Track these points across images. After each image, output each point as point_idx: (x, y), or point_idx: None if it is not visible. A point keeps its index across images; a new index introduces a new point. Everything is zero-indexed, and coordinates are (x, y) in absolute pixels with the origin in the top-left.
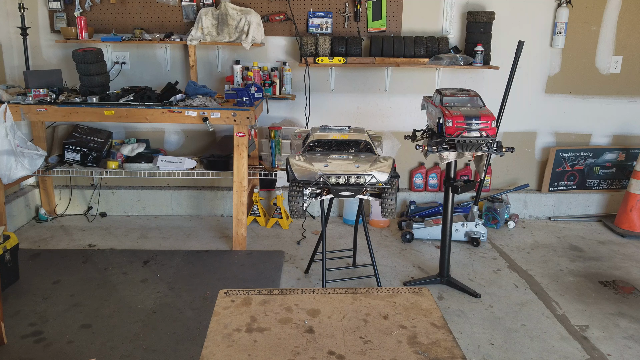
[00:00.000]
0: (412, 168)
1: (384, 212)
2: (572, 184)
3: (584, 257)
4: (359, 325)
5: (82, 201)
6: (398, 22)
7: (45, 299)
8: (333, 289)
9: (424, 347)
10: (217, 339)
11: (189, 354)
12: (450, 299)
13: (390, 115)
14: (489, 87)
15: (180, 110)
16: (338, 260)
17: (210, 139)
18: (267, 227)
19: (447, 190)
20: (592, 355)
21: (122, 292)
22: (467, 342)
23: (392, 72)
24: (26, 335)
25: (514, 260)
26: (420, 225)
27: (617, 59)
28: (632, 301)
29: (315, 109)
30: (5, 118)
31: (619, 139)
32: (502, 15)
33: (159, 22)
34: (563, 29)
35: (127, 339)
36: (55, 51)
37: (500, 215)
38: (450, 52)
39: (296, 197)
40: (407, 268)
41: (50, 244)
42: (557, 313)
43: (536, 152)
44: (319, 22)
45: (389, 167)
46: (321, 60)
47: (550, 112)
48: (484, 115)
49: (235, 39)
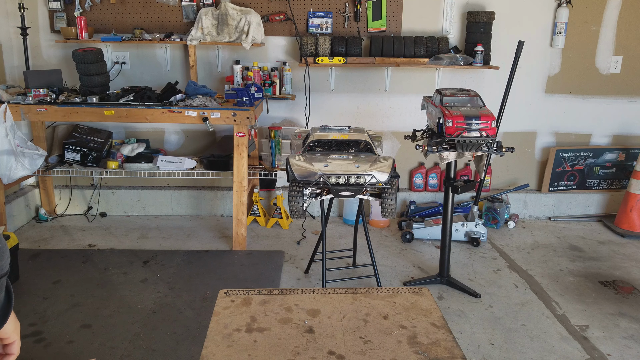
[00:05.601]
0: (412, 168)
1: (384, 212)
2: (572, 184)
3: (584, 257)
4: (359, 325)
5: (82, 201)
6: (398, 22)
7: (45, 299)
8: (333, 289)
9: (424, 347)
10: (217, 339)
11: (189, 354)
12: (450, 299)
13: (390, 115)
14: (489, 87)
15: (180, 110)
16: (338, 260)
17: (210, 139)
18: (267, 227)
19: (447, 190)
20: (592, 355)
21: (122, 292)
22: (467, 342)
23: (392, 72)
24: (26, 335)
25: (514, 260)
26: (420, 225)
27: (617, 59)
28: (632, 301)
29: (315, 109)
30: (5, 118)
31: (619, 139)
32: (502, 15)
33: (159, 22)
34: (563, 29)
35: (127, 339)
36: (55, 51)
37: (500, 215)
38: (450, 52)
39: (296, 197)
40: (407, 268)
41: (50, 244)
42: (557, 313)
43: (536, 152)
44: (319, 22)
45: (389, 167)
46: (321, 60)
47: (550, 112)
48: (484, 115)
49: (235, 39)
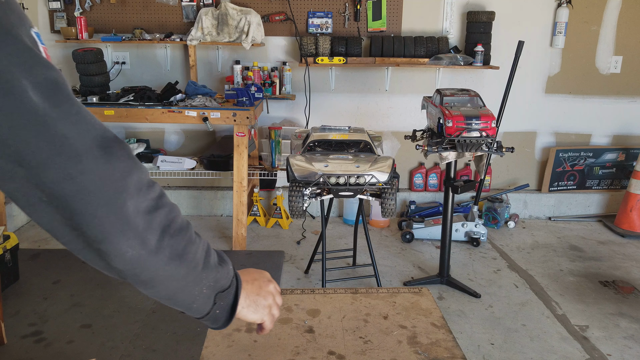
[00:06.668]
0: (412, 168)
1: (384, 212)
2: (572, 184)
3: (584, 257)
4: (359, 325)
5: None
6: (398, 22)
7: (45, 299)
8: (333, 289)
9: (424, 347)
10: (217, 339)
11: (189, 354)
12: (450, 299)
13: (390, 115)
14: (489, 87)
15: (180, 110)
16: (338, 260)
17: (210, 139)
18: (267, 227)
19: (447, 190)
20: (592, 355)
21: (122, 292)
22: (467, 342)
23: (392, 72)
24: (26, 335)
25: (514, 260)
26: (420, 225)
27: (617, 59)
28: (632, 301)
29: (315, 109)
30: None
31: (619, 139)
32: (502, 15)
33: (159, 22)
34: (563, 29)
35: (127, 339)
36: (55, 51)
37: (500, 215)
38: (450, 52)
39: (296, 197)
40: (407, 268)
41: (50, 244)
42: (557, 313)
43: (536, 152)
44: (319, 22)
45: (389, 167)
46: (321, 60)
47: (550, 112)
48: (484, 115)
49: (235, 39)
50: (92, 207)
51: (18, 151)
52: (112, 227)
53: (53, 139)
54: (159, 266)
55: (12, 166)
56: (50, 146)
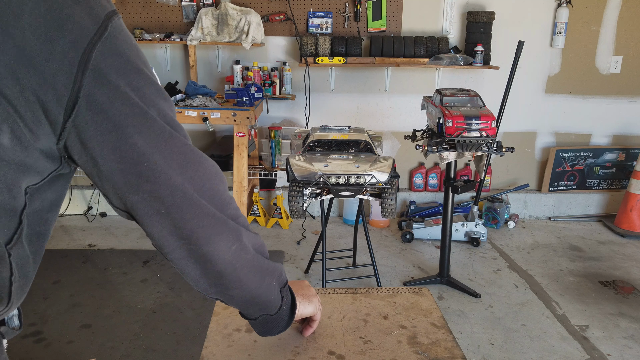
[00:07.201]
0: (412, 168)
1: (384, 212)
2: (572, 184)
3: (584, 257)
4: (359, 325)
5: (82, 201)
6: (398, 22)
7: (45, 299)
8: (333, 289)
9: (424, 347)
10: (217, 339)
11: (189, 354)
12: (450, 299)
13: (390, 115)
14: (489, 87)
15: (180, 110)
16: (338, 260)
17: (210, 139)
18: (267, 227)
19: (447, 190)
20: (592, 355)
21: (122, 292)
22: (467, 342)
23: (392, 72)
24: (26, 335)
25: (514, 260)
26: (420, 225)
27: (617, 59)
28: (632, 301)
29: (315, 109)
30: None
31: (619, 139)
32: (502, 15)
33: (159, 22)
34: (563, 29)
35: (127, 339)
36: None
37: (500, 215)
38: (450, 52)
39: (296, 197)
40: (407, 268)
41: (50, 244)
42: (557, 313)
43: (536, 152)
44: (319, 22)
45: (389, 167)
46: (321, 60)
47: (550, 112)
48: (484, 115)
49: (235, 39)
50: (201, 215)
51: (151, 168)
52: (214, 230)
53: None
54: (249, 259)
55: (140, 181)
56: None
